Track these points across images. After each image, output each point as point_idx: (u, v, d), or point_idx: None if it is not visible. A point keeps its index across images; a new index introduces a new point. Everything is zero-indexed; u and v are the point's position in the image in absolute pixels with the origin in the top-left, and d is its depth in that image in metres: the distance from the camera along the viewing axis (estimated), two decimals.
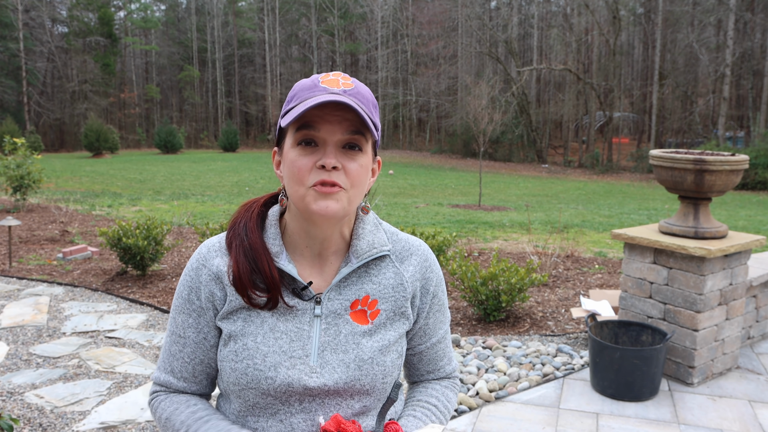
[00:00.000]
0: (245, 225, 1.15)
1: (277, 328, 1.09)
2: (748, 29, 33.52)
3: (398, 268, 1.17)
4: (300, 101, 1.07)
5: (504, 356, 4.19)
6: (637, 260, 3.94)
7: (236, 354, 1.09)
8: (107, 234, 6.09)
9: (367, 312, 1.13)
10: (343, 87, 1.08)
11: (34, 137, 31.44)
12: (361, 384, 1.10)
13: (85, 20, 49.67)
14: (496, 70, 39.14)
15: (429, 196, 18.40)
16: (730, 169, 3.59)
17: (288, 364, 1.07)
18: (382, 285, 1.15)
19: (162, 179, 20.99)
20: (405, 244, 1.22)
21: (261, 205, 1.20)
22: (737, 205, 17.33)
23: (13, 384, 3.80)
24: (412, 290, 1.18)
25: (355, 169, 1.06)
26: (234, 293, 1.11)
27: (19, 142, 10.67)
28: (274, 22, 52.25)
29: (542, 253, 7.47)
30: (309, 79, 1.12)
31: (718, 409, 3.47)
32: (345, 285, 1.13)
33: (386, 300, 1.15)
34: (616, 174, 30.13)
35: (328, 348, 1.09)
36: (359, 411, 1.12)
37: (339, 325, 1.11)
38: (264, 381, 1.06)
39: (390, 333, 1.14)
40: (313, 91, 1.07)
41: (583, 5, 35.85)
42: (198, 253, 1.18)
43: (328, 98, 1.01)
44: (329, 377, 1.08)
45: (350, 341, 1.11)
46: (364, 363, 1.10)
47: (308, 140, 1.05)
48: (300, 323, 1.10)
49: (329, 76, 1.11)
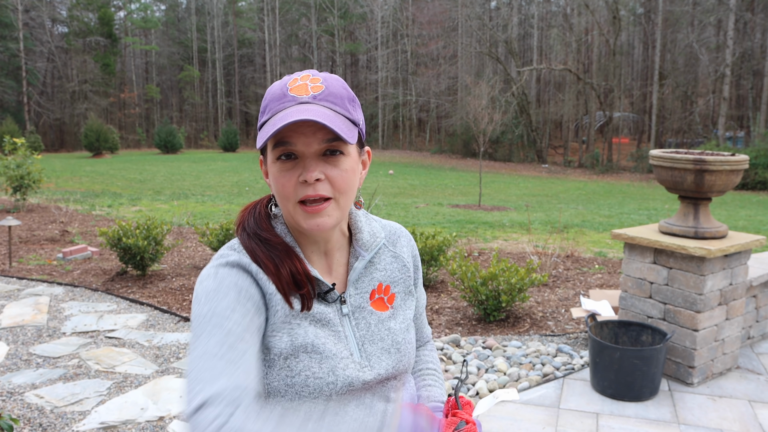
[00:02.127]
0: (257, 225, 1.11)
1: (319, 335, 1.08)
2: (748, 29, 33.52)
3: (395, 252, 1.23)
4: (272, 114, 1.05)
5: (504, 356, 4.19)
6: (637, 260, 3.95)
7: (291, 369, 1.05)
8: (107, 234, 6.09)
9: (384, 298, 1.18)
10: (313, 92, 1.05)
11: (34, 137, 31.45)
12: (403, 364, 1.17)
13: (85, 20, 49.68)
14: (496, 70, 39.15)
15: (429, 196, 18.41)
16: (730, 169, 3.59)
17: (342, 365, 1.08)
18: (389, 270, 1.20)
19: (162, 179, 20.99)
20: (390, 228, 1.27)
21: (264, 206, 1.17)
22: (737, 205, 17.33)
23: (13, 384, 3.80)
24: (412, 269, 1.25)
25: (339, 175, 1.05)
26: (278, 303, 1.05)
27: (19, 142, 10.67)
28: (274, 22, 52.25)
29: (542, 253, 7.47)
30: (278, 86, 1.08)
31: (718, 409, 3.47)
32: (358, 279, 1.16)
33: (397, 283, 1.21)
34: (616, 174, 30.14)
35: (366, 341, 1.13)
36: (399, 387, 1.18)
37: (366, 317, 1.15)
38: (326, 387, 1.06)
39: (407, 312, 1.21)
40: (282, 102, 1.05)
41: (583, 5, 35.85)
42: (224, 260, 1.05)
43: (294, 117, 0.99)
44: (379, 367, 1.13)
45: (381, 329, 1.15)
46: (400, 345, 1.16)
47: (287, 154, 1.04)
48: (333, 325, 1.11)
49: (297, 81, 1.07)
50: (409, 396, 1.22)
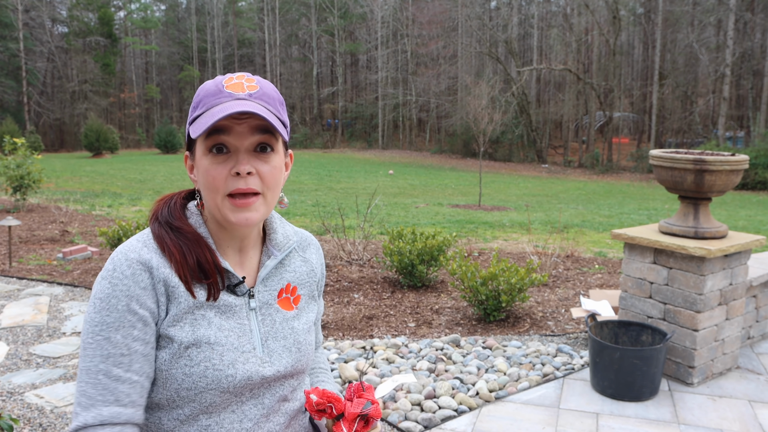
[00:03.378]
0: (170, 215, 1.13)
1: (223, 326, 1.10)
2: (748, 29, 33.52)
3: (304, 257, 1.29)
4: (206, 108, 1.08)
5: (504, 356, 4.19)
6: (637, 260, 3.95)
7: (191, 359, 1.06)
8: (107, 234, 6.09)
9: (291, 298, 1.23)
10: (248, 90, 1.09)
11: (34, 137, 31.44)
12: (301, 364, 1.20)
13: (85, 20, 49.68)
14: (496, 70, 39.15)
15: (429, 196, 18.41)
16: (730, 169, 3.59)
17: (242, 359, 1.10)
18: (298, 272, 1.25)
19: (162, 179, 20.99)
20: (302, 235, 1.32)
21: (181, 198, 1.19)
22: (737, 205, 17.33)
23: (13, 384, 3.80)
24: (319, 275, 1.31)
25: (269, 171, 1.09)
26: (181, 294, 1.07)
27: (19, 142, 10.67)
28: (274, 22, 52.25)
29: (542, 253, 7.47)
30: (213, 83, 1.11)
31: (718, 409, 3.47)
32: (268, 277, 1.20)
33: (303, 285, 1.26)
34: (616, 174, 30.14)
35: (269, 337, 1.16)
36: (295, 387, 1.22)
37: (272, 314, 1.18)
38: (224, 380, 1.08)
39: (310, 314, 1.26)
40: (218, 97, 1.08)
41: (583, 5, 35.86)
42: (125, 256, 1.06)
43: (235, 109, 1.02)
44: (279, 364, 1.15)
45: (285, 327, 1.19)
46: (300, 345, 1.20)
47: (219, 146, 1.07)
48: (240, 318, 1.13)
49: (233, 79, 1.10)
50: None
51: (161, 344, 1.08)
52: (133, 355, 1.04)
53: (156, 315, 1.07)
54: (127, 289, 1.04)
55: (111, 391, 1.02)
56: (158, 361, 1.07)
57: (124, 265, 1.05)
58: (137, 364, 1.04)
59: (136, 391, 1.05)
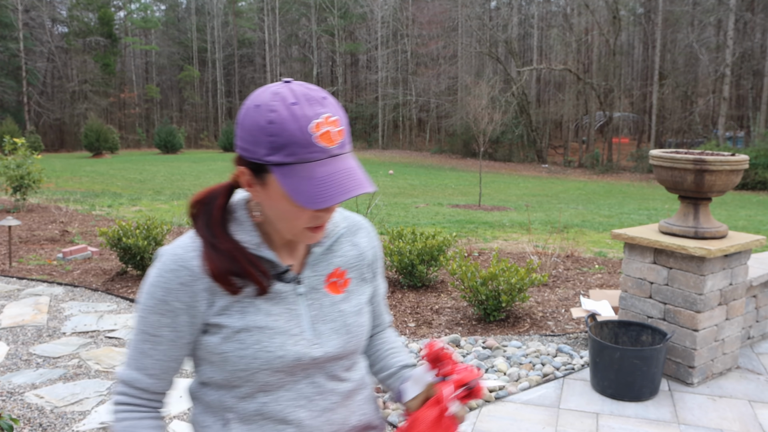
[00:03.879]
0: (210, 232, 1.17)
1: (272, 311, 1.18)
2: (748, 29, 33.52)
3: (353, 241, 1.32)
4: (298, 160, 1.03)
5: (504, 356, 4.19)
6: (637, 260, 3.95)
7: (242, 342, 1.15)
8: (107, 234, 6.09)
9: (339, 282, 1.27)
10: (338, 139, 1.05)
11: (34, 137, 31.45)
12: (352, 345, 1.25)
13: (85, 20, 49.69)
14: (496, 70, 39.15)
15: (429, 196, 18.40)
16: (730, 169, 3.59)
17: (291, 341, 1.18)
18: (346, 257, 1.30)
19: (162, 179, 20.99)
20: (353, 220, 1.36)
21: (224, 196, 1.20)
22: (737, 205, 17.33)
23: (13, 384, 3.80)
24: (369, 258, 1.34)
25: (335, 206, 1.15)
26: (224, 291, 1.17)
27: (19, 142, 10.66)
28: (274, 22, 52.25)
29: (542, 253, 7.47)
30: (298, 128, 1.02)
31: (718, 409, 3.47)
32: (316, 262, 1.25)
33: (352, 269, 1.30)
34: (616, 174, 30.14)
35: (318, 320, 1.22)
36: (348, 367, 1.28)
37: (320, 298, 1.23)
38: (275, 361, 1.16)
39: (361, 297, 1.30)
40: (310, 151, 1.03)
41: (583, 5, 35.86)
42: (173, 253, 1.16)
43: (353, 191, 1.04)
44: (328, 345, 1.22)
45: (333, 311, 1.24)
46: (350, 327, 1.25)
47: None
48: (288, 304, 1.20)
49: (321, 128, 1.03)
50: (361, 376, 1.32)
51: (211, 331, 1.18)
52: (161, 338, 1.17)
53: (192, 308, 1.16)
54: (166, 282, 1.15)
55: (139, 360, 1.19)
56: (210, 346, 1.18)
57: (170, 261, 1.16)
58: (163, 346, 1.18)
59: (159, 367, 1.19)
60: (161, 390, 1.23)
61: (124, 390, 1.21)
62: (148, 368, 1.19)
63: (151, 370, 1.20)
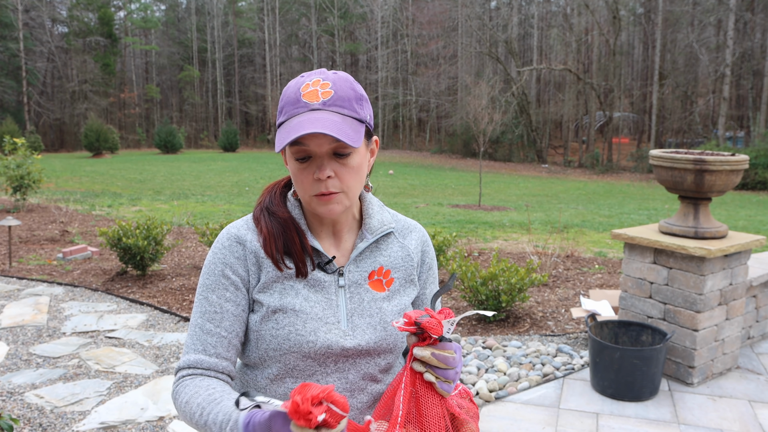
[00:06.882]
0: (270, 201, 1.29)
1: (311, 298, 1.22)
2: (748, 29, 33.52)
3: (402, 243, 1.34)
4: (287, 117, 1.17)
5: (504, 356, 4.19)
6: (637, 260, 3.94)
7: (277, 322, 1.19)
8: (107, 234, 6.09)
9: (383, 281, 1.28)
10: (322, 98, 1.16)
11: (34, 137, 31.44)
12: (387, 343, 1.24)
13: (85, 20, 49.66)
14: (496, 70, 39.14)
15: (429, 196, 18.41)
16: (730, 169, 3.59)
17: (325, 329, 1.20)
18: (393, 257, 1.31)
19: (162, 179, 20.99)
20: (405, 223, 1.39)
21: (282, 187, 1.33)
22: (737, 205, 17.33)
23: (13, 384, 3.80)
24: (417, 261, 1.35)
25: (347, 173, 1.18)
26: (270, 266, 1.22)
27: (19, 142, 10.67)
28: (274, 22, 52.24)
29: (542, 253, 7.47)
30: (294, 88, 1.19)
31: (718, 409, 3.47)
32: (361, 258, 1.28)
33: (398, 269, 1.31)
34: (616, 174, 30.13)
35: (355, 314, 1.24)
36: (384, 368, 1.27)
37: (361, 293, 1.26)
38: (306, 344, 1.18)
39: (404, 298, 1.30)
40: (296, 107, 1.16)
41: (583, 5, 35.85)
42: (227, 232, 1.26)
43: (306, 129, 1.10)
44: (361, 338, 1.22)
45: (373, 307, 1.25)
46: (387, 325, 1.25)
47: (302, 156, 1.17)
48: (328, 293, 1.23)
49: (309, 86, 1.17)
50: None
51: (254, 308, 1.24)
52: (224, 314, 1.22)
53: (247, 281, 1.23)
54: (223, 257, 1.23)
55: (201, 341, 1.22)
56: (251, 323, 1.23)
57: (225, 239, 1.25)
58: (227, 321, 1.22)
59: (222, 345, 1.22)
60: (224, 370, 1.22)
61: (185, 373, 1.21)
62: (209, 348, 1.21)
63: (213, 348, 1.21)
